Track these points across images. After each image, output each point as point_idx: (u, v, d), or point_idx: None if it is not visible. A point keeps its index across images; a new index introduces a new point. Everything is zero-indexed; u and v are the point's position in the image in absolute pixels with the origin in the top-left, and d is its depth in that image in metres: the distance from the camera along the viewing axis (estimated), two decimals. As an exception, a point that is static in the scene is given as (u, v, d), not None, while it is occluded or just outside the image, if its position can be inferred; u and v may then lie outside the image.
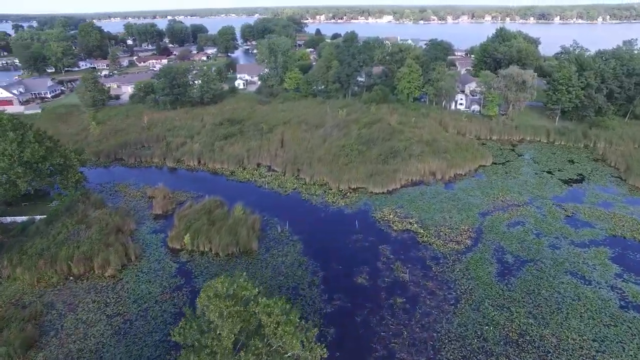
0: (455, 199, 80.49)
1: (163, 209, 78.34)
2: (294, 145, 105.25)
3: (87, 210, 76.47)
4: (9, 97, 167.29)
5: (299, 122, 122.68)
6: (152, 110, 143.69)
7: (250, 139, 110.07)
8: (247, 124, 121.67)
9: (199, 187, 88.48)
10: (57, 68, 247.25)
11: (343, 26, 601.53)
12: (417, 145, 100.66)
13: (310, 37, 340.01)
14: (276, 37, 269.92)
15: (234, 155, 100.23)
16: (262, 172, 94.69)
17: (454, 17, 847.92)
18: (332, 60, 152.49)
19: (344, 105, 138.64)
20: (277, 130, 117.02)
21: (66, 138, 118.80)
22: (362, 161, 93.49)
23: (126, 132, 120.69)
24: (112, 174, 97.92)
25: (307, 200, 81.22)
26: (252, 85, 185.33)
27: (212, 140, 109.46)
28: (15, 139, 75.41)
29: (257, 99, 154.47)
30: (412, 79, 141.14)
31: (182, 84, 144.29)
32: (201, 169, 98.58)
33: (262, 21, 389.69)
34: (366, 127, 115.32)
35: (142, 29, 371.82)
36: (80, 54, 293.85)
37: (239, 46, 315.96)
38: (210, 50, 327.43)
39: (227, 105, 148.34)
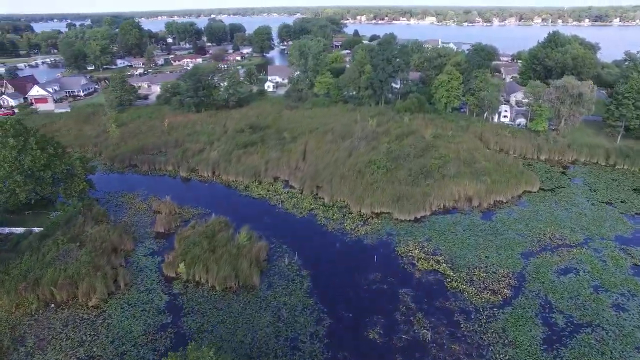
0: (494, 232, 69.11)
1: (165, 227, 71.95)
2: (317, 158, 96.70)
3: (86, 224, 71.28)
4: (45, 95, 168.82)
5: (325, 131, 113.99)
6: (176, 113, 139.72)
7: (270, 148, 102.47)
8: (270, 132, 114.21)
9: (209, 202, 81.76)
10: (96, 66, 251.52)
11: (383, 27, 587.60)
12: (453, 164, 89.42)
13: (348, 38, 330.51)
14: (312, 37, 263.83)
15: (251, 167, 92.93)
16: (278, 188, 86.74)
17: (501, 19, 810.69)
18: (366, 65, 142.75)
19: (375, 114, 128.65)
20: (300, 139, 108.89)
21: (86, 140, 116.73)
22: (389, 181, 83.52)
23: (145, 136, 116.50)
24: (123, 182, 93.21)
25: (322, 225, 72.38)
26: (282, 88, 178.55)
27: (230, 149, 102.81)
28: (16, 146, 71.35)
29: (284, 103, 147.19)
30: (452, 87, 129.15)
31: (207, 86, 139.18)
32: (215, 181, 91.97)
33: (300, 21, 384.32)
34: (397, 140, 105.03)
35: (182, 28, 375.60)
36: (120, 52, 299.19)
37: (275, 46, 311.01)
38: (246, 49, 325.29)
39: (253, 110, 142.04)
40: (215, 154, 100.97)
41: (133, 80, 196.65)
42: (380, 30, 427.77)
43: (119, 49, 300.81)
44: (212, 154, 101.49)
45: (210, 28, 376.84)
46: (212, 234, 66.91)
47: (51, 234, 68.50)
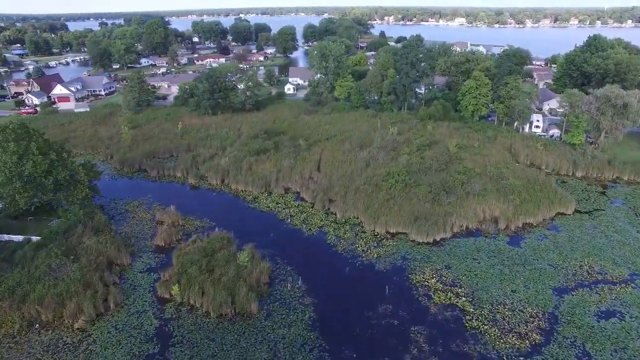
0: (522, 262, 61.84)
1: (166, 241, 67.98)
2: (332, 168, 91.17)
3: (85, 234, 68.15)
4: (67, 93, 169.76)
5: (342, 139, 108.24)
6: (192, 115, 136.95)
7: (284, 156, 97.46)
8: (285, 138, 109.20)
9: (214, 213, 77.49)
10: (120, 65, 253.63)
11: (411, 28, 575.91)
12: (478, 180, 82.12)
13: (374, 39, 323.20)
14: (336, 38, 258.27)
15: (262, 177, 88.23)
16: (288, 201, 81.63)
17: (534, 20, 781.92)
18: (389, 69, 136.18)
19: (397, 121, 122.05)
20: (316, 147, 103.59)
21: (100, 142, 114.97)
22: (407, 197, 77.08)
23: (158, 139, 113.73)
24: (130, 187, 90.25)
25: (332, 245, 66.79)
26: (303, 91, 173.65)
27: (242, 155, 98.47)
28: (17, 151, 68.81)
29: (303, 107, 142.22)
30: (480, 94, 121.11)
31: (223, 88, 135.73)
32: (223, 190, 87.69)
33: (325, 22, 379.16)
34: (419, 150, 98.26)
35: (207, 27, 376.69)
36: (145, 50, 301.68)
37: (298, 47, 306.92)
38: (269, 50, 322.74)
39: (270, 113, 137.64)
40: (225, 161, 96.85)
41: (153, 80, 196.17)
42: (407, 31, 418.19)
43: (144, 47, 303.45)
44: (223, 160, 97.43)
45: (235, 27, 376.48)
46: (212, 251, 62.42)
47: (48, 243, 65.71)
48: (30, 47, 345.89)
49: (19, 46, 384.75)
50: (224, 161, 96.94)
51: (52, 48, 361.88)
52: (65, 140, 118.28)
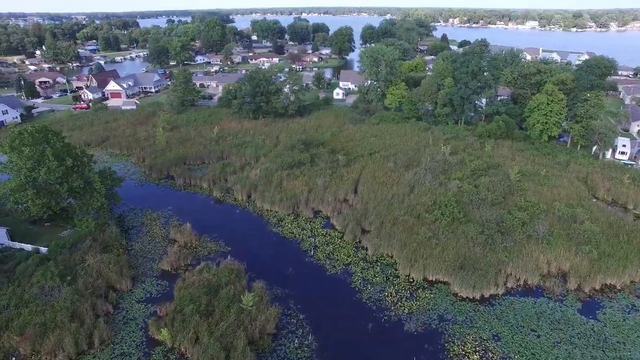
0: (600, 342, 47.86)
1: (173, 265, 61.29)
2: (370, 191, 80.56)
3: (92, 250, 63.28)
4: (119, 90, 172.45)
5: (387, 155, 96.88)
6: (232, 118, 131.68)
7: (319, 172, 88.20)
8: (324, 151, 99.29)
9: (232, 234, 70.03)
10: (176, 62, 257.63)
11: (476, 32, 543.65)
12: (543, 220, 67.77)
13: (435, 42, 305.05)
14: (394, 41, 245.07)
15: (291, 195, 79.55)
16: (315, 227, 72.14)
17: (620, 23, 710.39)
18: (446, 77, 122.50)
19: (451, 137, 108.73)
20: (356, 164, 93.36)
21: (136, 143, 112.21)
22: (453, 235, 64.89)
23: (192, 144, 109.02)
24: (153, 196, 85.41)
25: (357, 290, 56.51)
26: (352, 97, 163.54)
27: (274, 168, 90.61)
28: (32, 156, 65.29)
29: (349, 115, 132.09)
30: (551, 111, 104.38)
31: (265, 91, 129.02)
32: (247, 208, 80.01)
33: (385, 23, 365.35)
34: (473, 175, 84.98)
35: (265, 26, 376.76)
36: (202, 48, 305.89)
37: (355, 48, 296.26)
38: (325, 50, 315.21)
39: (313, 121, 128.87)
40: (256, 174, 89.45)
41: (202, 79, 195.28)
42: (472, 34, 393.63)
43: (202, 45, 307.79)
44: (253, 173, 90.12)
45: (293, 27, 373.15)
46: (218, 286, 54.61)
47: (52, 257, 61.47)
48: (102, 43, 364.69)
49: (94, 42, 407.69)
50: (254, 174, 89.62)
51: (120, 44, 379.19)
52: (104, 139, 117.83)
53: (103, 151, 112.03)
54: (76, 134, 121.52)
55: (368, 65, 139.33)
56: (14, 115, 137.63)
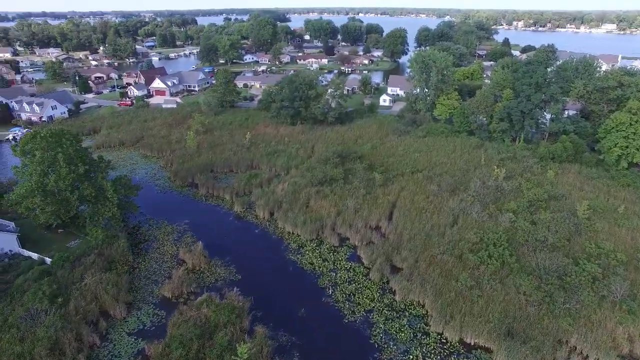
0: None
1: (174, 293, 55.13)
2: (407, 219, 70.47)
3: (94, 266, 58.71)
4: (163, 87, 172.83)
5: (431, 175, 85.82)
6: (268, 123, 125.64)
7: (351, 192, 79.24)
8: (361, 166, 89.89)
9: (246, 259, 63.03)
10: (225, 60, 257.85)
11: (542, 36, 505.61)
12: (622, 276, 54.49)
13: (495, 47, 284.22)
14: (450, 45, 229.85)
15: (317, 218, 71.20)
16: (338, 260, 63.25)
17: None
18: (505, 88, 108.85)
19: (507, 157, 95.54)
20: (395, 184, 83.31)
21: (167, 146, 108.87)
22: (502, 287, 53.51)
23: (222, 149, 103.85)
24: (173, 206, 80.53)
25: (377, 348, 47.12)
26: (400, 104, 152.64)
27: (303, 184, 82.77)
28: (43, 161, 61.82)
29: (394, 125, 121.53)
30: (635, 133, 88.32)
31: (305, 96, 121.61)
32: (268, 228, 72.60)
33: (443, 25, 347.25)
34: (530, 207, 72.30)
35: (318, 25, 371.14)
36: (252, 47, 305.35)
37: (409, 51, 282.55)
38: (377, 52, 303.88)
39: (354, 130, 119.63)
40: (283, 188, 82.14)
41: (245, 79, 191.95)
42: (537, 39, 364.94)
43: (252, 44, 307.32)
44: (280, 187, 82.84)
45: (345, 27, 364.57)
46: (215, 327, 47.53)
47: (54, 271, 57.50)
48: (159, 40, 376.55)
49: (153, 39, 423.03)
50: (281, 188, 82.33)
51: (176, 41, 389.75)
52: (139, 139, 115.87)
53: (135, 151, 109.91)
54: (113, 132, 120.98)
55: (417, 71, 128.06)
56: (62, 110, 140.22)
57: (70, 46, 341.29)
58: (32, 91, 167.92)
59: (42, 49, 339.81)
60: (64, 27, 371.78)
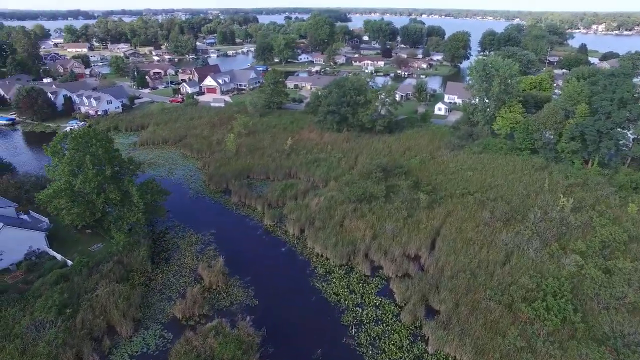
0: None
1: (185, 314, 51.25)
2: (451, 250, 62.06)
3: (110, 274, 56.54)
4: (214, 85, 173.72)
5: (484, 200, 76.05)
6: (313, 128, 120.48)
7: (392, 213, 71.64)
8: (405, 184, 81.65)
9: (267, 282, 58.05)
10: (280, 59, 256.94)
11: (628, 41, 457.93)
12: None
13: (569, 53, 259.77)
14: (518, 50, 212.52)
15: (349, 241, 64.71)
16: (367, 293, 56.14)
17: None
18: (580, 103, 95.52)
19: (577, 184, 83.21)
20: (442, 207, 74.58)
21: (207, 147, 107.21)
22: (561, 356, 43.91)
23: (261, 154, 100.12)
24: (202, 213, 77.54)
25: (398, 411, 40.07)
26: (456, 114, 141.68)
27: (341, 199, 76.46)
28: (71, 162, 60.59)
29: (448, 137, 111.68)
30: None
31: (352, 102, 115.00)
32: (296, 247, 67.05)
33: (511, 28, 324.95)
34: (604, 250, 60.92)
35: (377, 26, 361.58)
36: (309, 47, 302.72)
37: (471, 56, 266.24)
38: (437, 56, 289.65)
39: (403, 141, 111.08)
40: (317, 203, 76.41)
41: (297, 80, 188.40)
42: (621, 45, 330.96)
43: (309, 43, 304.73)
44: (315, 201, 77.14)
45: (405, 29, 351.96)
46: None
47: (71, 277, 55.92)
48: (219, 37, 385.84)
49: (214, 36, 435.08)
50: (315, 202, 76.64)
51: (235, 39, 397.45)
52: (182, 137, 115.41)
53: (177, 150, 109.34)
54: (159, 129, 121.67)
55: (477, 79, 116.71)
56: (117, 105, 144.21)
57: (138, 42, 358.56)
58: (95, 85, 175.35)
59: (114, 44, 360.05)
60: (134, 24, 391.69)
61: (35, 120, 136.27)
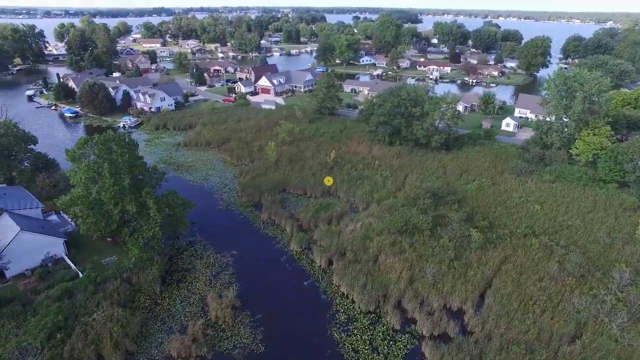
0: None
1: (181, 353, 45.37)
2: (504, 311, 50.71)
3: (115, 295, 52.42)
4: (268, 86, 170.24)
5: (552, 245, 62.74)
6: (365, 138, 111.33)
7: (436, 252, 61.30)
8: (456, 216, 69.95)
9: (280, 322, 50.68)
10: (341, 60, 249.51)
11: None
12: None
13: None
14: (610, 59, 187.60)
15: (381, 283, 55.50)
16: (393, 356, 46.68)
17: None
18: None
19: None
20: (498, 249, 62.71)
21: (248, 153, 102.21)
22: None
23: (302, 166, 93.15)
24: (228, 230, 71.93)
25: None
26: (527, 131, 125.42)
27: (379, 228, 67.17)
28: (89, 169, 57.37)
29: (513, 161, 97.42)
30: None
31: (407, 113, 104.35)
32: (320, 283, 58.78)
33: (602, 33, 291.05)
34: None
35: (447, 29, 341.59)
36: (373, 49, 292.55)
37: (551, 64, 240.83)
38: (511, 63, 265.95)
39: (462, 160, 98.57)
40: (352, 230, 67.80)
41: (354, 84, 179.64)
42: None
43: (373, 45, 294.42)
44: (349, 228, 68.55)
45: (478, 32, 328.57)
46: None
47: (75, 293, 52.51)
48: (284, 35, 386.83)
49: (280, 34, 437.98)
50: (350, 230, 68.04)
51: (300, 37, 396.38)
52: (225, 141, 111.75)
53: (218, 155, 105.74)
54: (205, 130, 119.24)
55: (555, 94, 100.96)
56: (170, 102, 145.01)
57: (207, 39, 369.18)
58: (156, 80, 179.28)
59: (184, 40, 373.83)
60: (204, 21, 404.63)
61: (95, 114, 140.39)
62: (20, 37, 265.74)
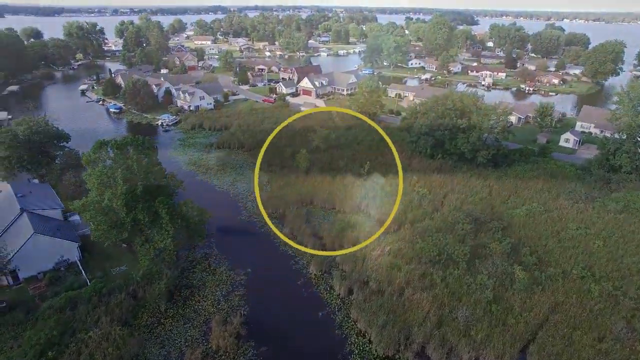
0: None
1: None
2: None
3: (117, 310, 49.60)
4: (310, 87, 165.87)
5: (616, 296, 53.01)
6: (405, 148, 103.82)
7: (471, 291, 53.58)
8: (499, 247, 61.98)
9: (283, 358, 45.54)
10: (388, 63, 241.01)
11: None
12: None
13: None
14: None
15: (404, 324, 48.72)
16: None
17: None
18: None
19: None
20: (547, 292, 53.77)
21: (279, 160, 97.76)
22: None
23: (333, 177, 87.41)
24: (246, 245, 67.61)
25: None
26: (589, 149, 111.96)
27: (409, 256, 60.25)
28: (101, 174, 55.02)
29: (571, 184, 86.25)
30: None
31: (452, 125, 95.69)
32: (336, 316, 52.90)
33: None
34: None
35: (504, 32, 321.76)
36: (423, 51, 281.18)
37: (622, 71, 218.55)
38: (575, 70, 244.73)
39: (509, 179, 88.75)
40: (378, 256, 61.36)
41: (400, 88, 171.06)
42: None
43: (424, 47, 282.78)
44: (375, 253, 62.15)
45: (538, 35, 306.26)
46: None
47: (78, 304, 50.20)
48: (333, 35, 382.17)
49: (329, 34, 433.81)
50: (375, 255, 61.61)
51: (349, 37, 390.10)
52: (258, 144, 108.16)
53: (250, 159, 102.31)
54: (239, 132, 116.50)
55: (630, 109, 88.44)
56: (209, 101, 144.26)
57: (256, 37, 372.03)
58: (199, 78, 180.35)
59: (234, 38, 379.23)
60: (255, 19, 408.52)
61: (137, 110, 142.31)
62: (84, 34, 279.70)
